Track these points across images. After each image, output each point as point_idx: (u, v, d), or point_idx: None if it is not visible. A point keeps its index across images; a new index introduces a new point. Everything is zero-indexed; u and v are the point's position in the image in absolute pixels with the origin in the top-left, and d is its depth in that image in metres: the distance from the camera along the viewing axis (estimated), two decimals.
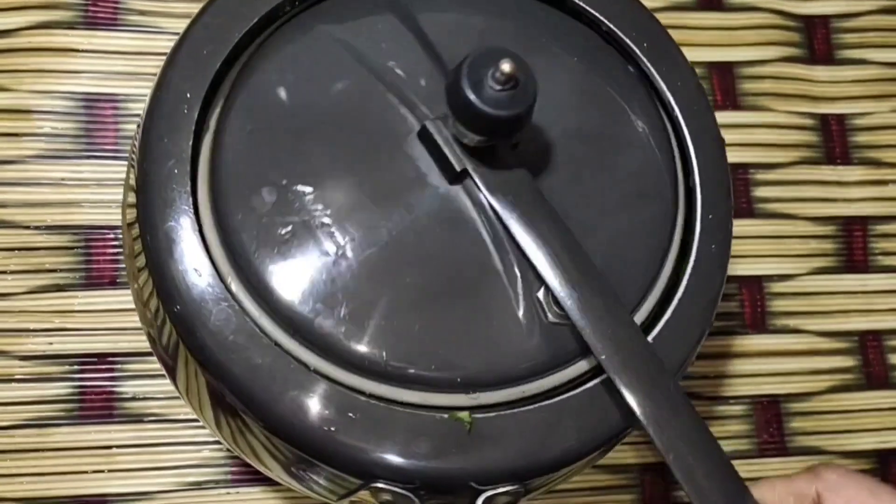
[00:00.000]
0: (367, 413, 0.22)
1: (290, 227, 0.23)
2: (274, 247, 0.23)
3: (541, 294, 0.23)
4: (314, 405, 0.22)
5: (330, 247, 0.23)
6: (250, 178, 0.23)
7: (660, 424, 0.22)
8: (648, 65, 0.27)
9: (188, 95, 0.24)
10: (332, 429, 0.22)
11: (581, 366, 0.24)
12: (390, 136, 0.24)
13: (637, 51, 0.27)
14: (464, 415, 0.23)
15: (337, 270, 0.23)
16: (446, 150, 0.23)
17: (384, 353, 0.22)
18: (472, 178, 0.23)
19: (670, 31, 0.27)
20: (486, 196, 0.23)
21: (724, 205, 0.26)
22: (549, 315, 0.23)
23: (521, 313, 0.23)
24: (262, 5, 0.25)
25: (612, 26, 0.27)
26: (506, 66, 0.20)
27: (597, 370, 0.24)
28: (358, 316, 0.22)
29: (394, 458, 0.22)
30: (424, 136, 0.24)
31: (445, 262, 0.23)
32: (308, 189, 0.23)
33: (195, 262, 0.22)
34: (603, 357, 0.22)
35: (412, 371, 0.22)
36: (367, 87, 0.25)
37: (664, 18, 0.28)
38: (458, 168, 0.23)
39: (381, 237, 0.23)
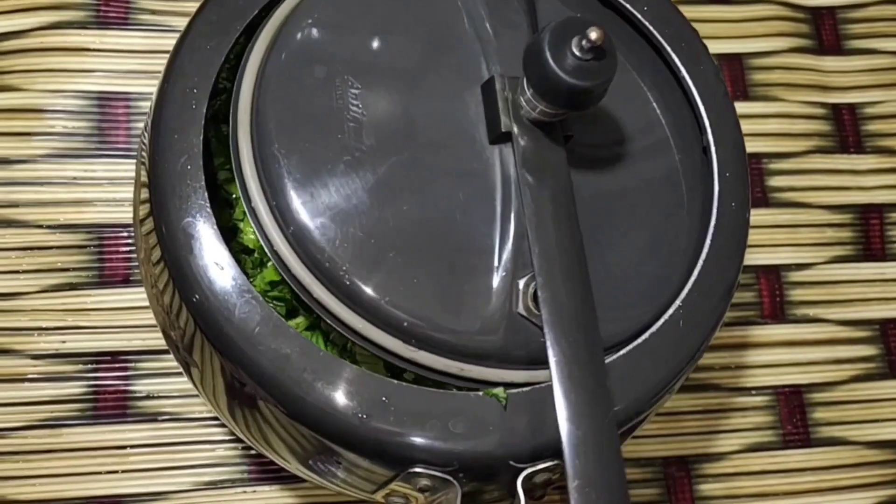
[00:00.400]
0: (399, 396, 0.22)
1: (311, 201, 0.23)
2: (297, 227, 0.22)
3: (521, 282, 0.22)
4: (345, 392, 0.21)
5: (356, 216, 0.22)
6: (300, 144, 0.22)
7: (578, 450, 0.20)
8: (672, 54, 0.27)
9: (195, 91, 0.23)
10: (365, 415, 0.21)
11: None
12: (457, 81, 0.24)
13: (662, 40, 0.27)
14: (498, 391, 0.22)
15: (361, 245, 0.22)
16: (500, 108, 0.23)
17: (411, 326, 0.22)
18: (512, 144, 0.23)
19: None
20: (516, 166, 0.23)
21: (741, 186, 0.26)
22: (520, 306, 0.22)
23: (493, 294, 0.22)
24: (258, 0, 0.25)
25: (641, 17, 0.27)
26: (594, 34, 0.20)
27: (627, 337, 0.24)
28: (385, 292, 0.22)
29: (431, 441, 0.21)
30: (488, 89, 0.23)
31: (449, 221, 0.23)
32: (353, 129, 0.23)
33: (215, 257, 0.22)
34: (554, 361, 0.21)
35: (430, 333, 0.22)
36: (455, 26, 0.24)
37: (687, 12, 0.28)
38: (503, 128, 0.23)
39: (408, 200, 0.23)
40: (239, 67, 0.24)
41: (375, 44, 0.24)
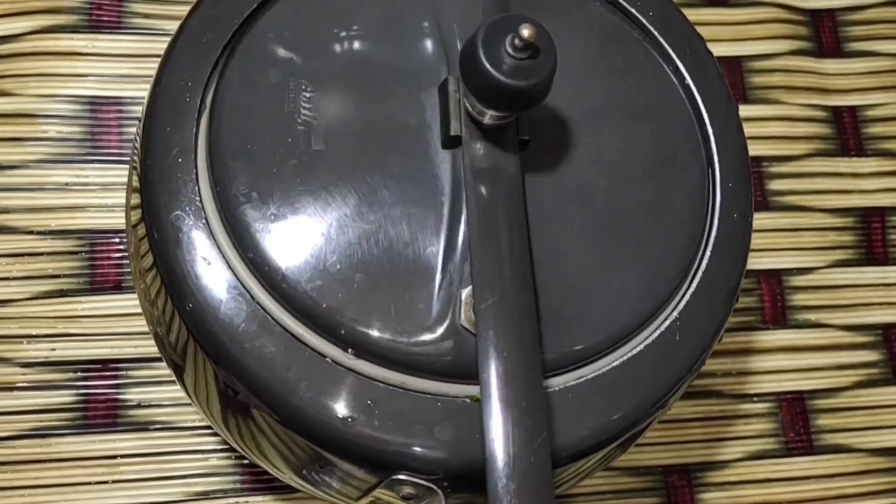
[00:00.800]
0: (386, 400, 0.21)
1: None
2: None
3: (465, 293, 0.21)
4: (330, 394, 0.21)
5: (333, 214, 0.22)
6: (252, 143, 0.22)
7: (504, 474, 0.19)
8: (676, 60, 0.26)
9: (189, 84, 0.23)
10: (351, 419, 0.21)
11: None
12: (415, 82, 0.23)
13: (666, 45, 0.26)
14: None
15: (301, 250, 0.22)
16: (452, 111, 0.22)
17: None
18: (462, 148, 0.22)
19: None
20: (464, 172, 0.22)
21: (744, 197, 0.25)
22: (462, 317, 0.21)
23: (436, 304, 0.21)
24: None
25: (645, 21, 0.26)
26: (526, 31, 0.19)
27: (624, 346, 0.23)
28: (323, 298, 0.21)
29: (416, 447, 0.21)
30: (442, 91, 0.23)
31: (395, 227, 0.22)
32: (311, 129, 0.22)
33: (203, 252, 0.22)
34: (484, 377, 0.20)
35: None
36: (422, 26, 0.24)
37: (691, 16, 0.27)
38: (452, 132, 0.22)
39: (371, 195, 0.22)
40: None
41: (337, 46, 0.23)
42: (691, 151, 0.26)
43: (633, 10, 0.26)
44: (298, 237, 0.22)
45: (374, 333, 0.21)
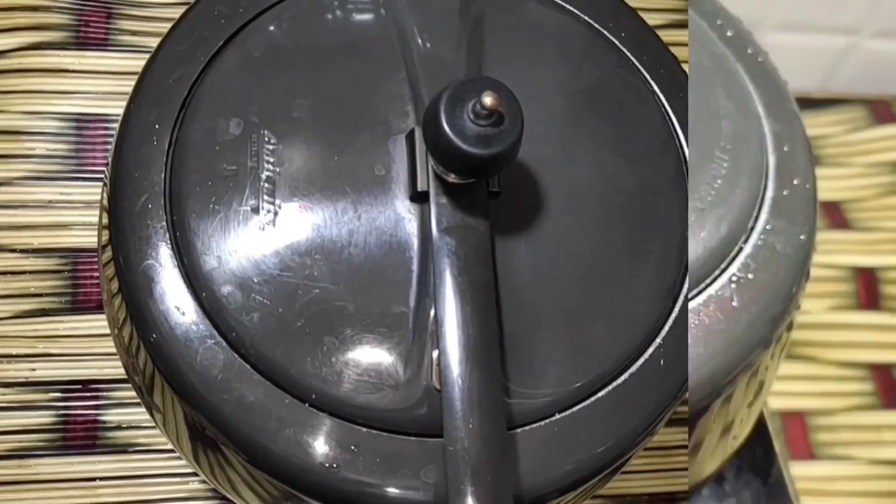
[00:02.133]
0: (370, 445, 0.21)
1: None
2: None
3: (436, 353, 0.21)
4: (313, 441, 0.21)
5: (297, 258, 0.22)
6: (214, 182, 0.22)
7: None
8: (651, 83, 0.26)
9: (157, 126, 0.22)
10: (335, 465, 0.20)
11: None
12: (382, 128, 0.23)
13: (640, 67, 0.26)
14: None
15: (269, 314, 0.21)
16: (418, 164, 0.22)
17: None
18: (429, 204, 0.22)
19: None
20: (430, 230, 0.21)
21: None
22: (433, 378, 0.21)
23: (407, 365, 0.21)
24: (226, 29, 0.24)
25: (619, 44, 0.26)
26: (487, 100, 0.19)
27: (608, 377, 0.23)
28: (292, 364, 0.21)
29: (402, 491, 0.21)
30: (410, 143, 0.22)
31: (364, 286, 0.22)
32: (275, 173, 0.22)
33: (177, 301, 0.21)
34: (450, 450, 0.19)
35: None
36: (389, 70, 0.23)
37: (666, 37, 0.27)
38: (419, 187, 0.22)
39: (348, 243, 0.22)
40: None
41: (301, 92, 0.23)
42: (671, 176, 0.25)
43: (608, 34, 0.26)
44: (266, 301, 0.21)
45: (345, 398, 0.21)
